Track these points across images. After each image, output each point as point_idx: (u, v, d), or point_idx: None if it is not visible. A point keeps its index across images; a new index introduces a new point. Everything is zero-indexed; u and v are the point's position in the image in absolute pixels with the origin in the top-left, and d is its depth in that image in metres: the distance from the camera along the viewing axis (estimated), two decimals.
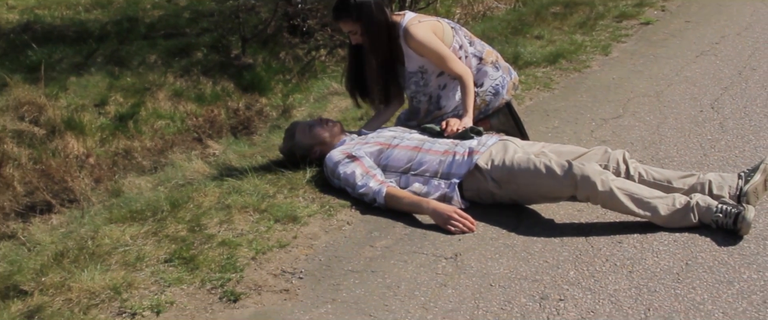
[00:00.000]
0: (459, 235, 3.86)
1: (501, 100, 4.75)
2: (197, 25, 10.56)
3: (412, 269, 3.58)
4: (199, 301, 3.38)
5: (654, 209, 3.78)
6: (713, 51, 6.57)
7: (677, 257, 3.55)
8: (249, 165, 4.71)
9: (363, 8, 4.49)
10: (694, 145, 4.81)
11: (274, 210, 4.09)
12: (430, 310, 3.26)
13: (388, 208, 4.10)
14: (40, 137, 7.09)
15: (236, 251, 3.71)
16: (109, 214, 4.18)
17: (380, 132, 4.52)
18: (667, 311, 3.16)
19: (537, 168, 3.93)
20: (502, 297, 3.33)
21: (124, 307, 3.30)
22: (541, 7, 8.29)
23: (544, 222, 3.99)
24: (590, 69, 6.45)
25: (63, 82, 8.30)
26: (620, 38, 7.18)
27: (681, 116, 5.28)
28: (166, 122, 7.78)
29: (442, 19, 4.77)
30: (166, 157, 6.49)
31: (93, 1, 12.04)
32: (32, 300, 3.35)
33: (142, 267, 3.59)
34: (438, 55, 4.48)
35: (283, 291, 3.45)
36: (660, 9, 8.08)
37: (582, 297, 3.30)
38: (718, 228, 3.71)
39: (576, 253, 3.65)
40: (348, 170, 4.23)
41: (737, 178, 3.96)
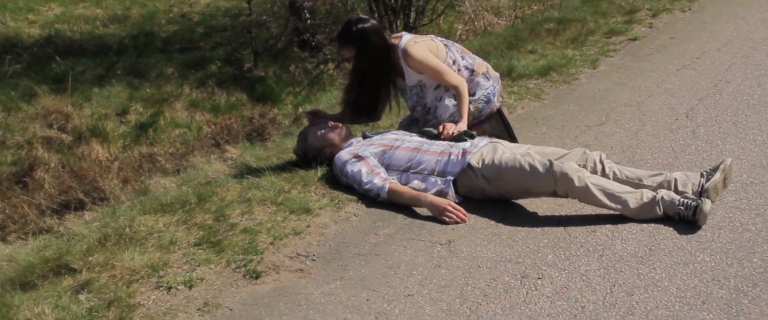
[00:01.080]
0: (452, 225, 4.37)
1: (492, 106, 5.28)
2: (211, 40, 11.12)
3: (411, 253, 4.09)
4: (225, 278, 3.90)
5: (624, 202, 4.30)
6: (693, 65, 7.07)
7: (642, 243, 4.06)
8: (265, 165, 5.23)
9: (362, 35, 5.05)
10: (667, 149, 5.32)
11: (289, 203, 4.61)
12: (425, 286, 3.77)
13: (391, 202, 4.62)
14: (67, 143, 7.62)
15: (257, 237, 4.23)
16: (142, 207, 4.70)
17: (384, 135, 5.04)
18: (630, 287, 3.67)
19: (522, 167, 4.45)
20: (489, 276, 3.84)
21: (160, 282, 3.82)
22: (536, 24, 8.80)
23: (528, 215, 4.50)
24: (578, 81, 6.96)
25: (86, 92, 8.84)
26: (608, 53, 7.68)
27: (658, 124, 5.78)
28: (183, 130, 8.29)
29: (435, 38, 5.30)
30: (188, 160, 7.01)
31: (110, 16, 12.61)
32: (81, 276, 3.87)
33: (175, 249, 4.11)
34: (434, 70, 5.02)
35: (298, 270, 3.97)
36: (648, 26, 8.58)
37: (557, 276, 3.81)
38: (680, 219, 4.22)
39: (554, 240, 4.16)
40: (355, 169, 4.75)
41: (700, 177, 4.47)
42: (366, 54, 5.06)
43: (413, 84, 5.13)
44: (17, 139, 7.54)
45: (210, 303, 3.68)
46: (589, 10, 9.11)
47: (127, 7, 13.15)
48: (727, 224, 4.22)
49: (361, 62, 5.10)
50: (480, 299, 3.66)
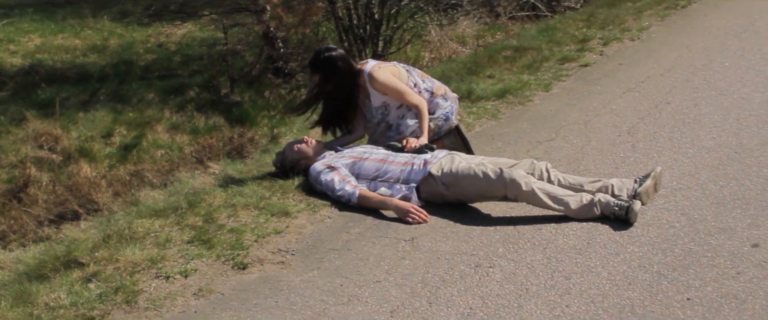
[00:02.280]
0: (415, 225, 4.95)
1: (451, 124, 5.89)
2: (188, 68, 11.68)
3: (379, 248, 4.67)
4: (216, 269, 4.45)
5: (566, 204, 4.90)
6: (638, 88, 7.70)
7: (581, 238, 4.66)
8: (247, 176, 5.80)
9: (328, 62, 5.68)
10: (608, 162, 5.94)
11: (270, 207, 5.18)
12: (391, 274, 4.35)
13: (361, 206, 5.19)
14: (58, 163, 8.14)
15: (242, 236, 4.79)
16: (138, 213, 5.25)
17: (354, 148, 5.63)
18: (568, 273, 4.26)
19: (476, 174, 5.04)
20: (447, 265, 4.42)
21: (160, 272, 4.37)
22: (495, 51, 9.43)
23: (482, 216, 5.09)
24: (532, 102, 7.58)
25: (72, 116, 9.37)
26: (561, 77, 8.31)
27: (602, 139, 6.40)
28: (165, 151, 8.83)
29: (398, 64, 5.94)
30: (173, 175, 7.55)
31: (89, 46, 13.14)
32: (89, 269, 4.41)
33: (171, 246, 4.66)
34: (397, 91, 5.64)
35: (279, 262, 4.53)
36: (598, 53, 9.22)
37: (506, 265, 4.40)
38: (615, 218, 4.82)
39: (505, 236, 4.75)
40: (328, 178, 5.32)
41: (633, 182, 5.07)
42: (332, 79, 5.67)
43: (378, 105, 5.73)
44: (11, 159, 8.05)
45: (204, 289, 4.23)
46: (545, 39, 9.76)
47: (105, 38, 13.68)
48: (656, 222, 4.82)
49: (325, 85, 5.71)
50: (439, 284, 4.23)
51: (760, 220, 4.75)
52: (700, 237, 4.59)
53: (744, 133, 6.23)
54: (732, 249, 4.43)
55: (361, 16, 11.41)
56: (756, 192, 5.15)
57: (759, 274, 4.13)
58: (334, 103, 5.82)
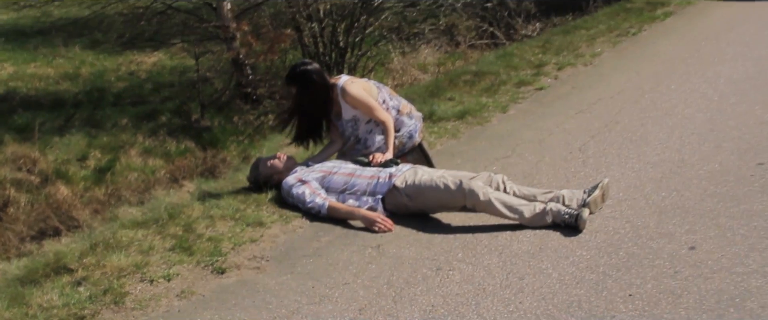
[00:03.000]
0: (381, 233, 5.33)
1: (414, 141, 6.30)
2: (159, 95, 12.03)
3: (347, 254, 5.04)
4: (196, 274, 4.81)
5: (520, 213, 5.30)
6: (589, 109, 8.15)
7: (534, 243, 5.06)
8: (223, 191, 6.16)
9: (304, 75, 6.07)
10: (560, 176, 6.36)
11: (245, 218, 5.54)
12: (359, 277, 4.72)
13: (330, 217, 5.57)
14: (35, 184, 8.44)
15: (220, 244, 5.15)
16: (120, 224, 5.59)
17: (324, 163, 6.00)
18: (522, 274, 4.66)
19: (438, 186, 5.44)
20: (410, 269, 4.80)
21: (144, 276, 4.72)
22: (455, 76, 9.86)
23: (443, 225, 5.48)
24: (490, 123, 8.00)
25: (48, 140, 9.68)
26: (517, 100, 8.74)
27: (555, 156, 6.83)
28: (139, 173, 9.16)
29: (369, 80, 6.34)
30: (150, 193, 7.88)
31: (62, 74, 13.45)
32: (78, 274, 4.74)
33: (154, 253, 5.01)
34: (367, 106, 6.03)
35: (255, 268, 4.90)
36: (553, 77, 9.67)
37: (465, 268, 4.79)
38: (565, 225, 5.23)
39: (464, 243, 5.14)
40: (300, 191, 5.70)
41: (583, 193, 5.49)
42: (307, 91, 6.06)
43: (349, 118, 6.13)
44: None
45: (186, 291, 4.59)
46: (503, 64, 10.21)
47: (77, 66, 13.98)
48: (603, 229, 5.23)
49: (302, 98, 6.10)
50: (403, 285, 4.61)
51: (697, 226, 5.17)
52: (643, 242, 5.00)
53: (686, 150, 6.67)
54: (671, 251, 4.85)
55: (327, 44, 11.85)
56: (695, 202, 5.58)
57: (694, 273, 4.54)
58: (309, 116, 6.20)
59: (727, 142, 6.78)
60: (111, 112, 10.97)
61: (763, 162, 6.22)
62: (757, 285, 4.35)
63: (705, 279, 4.47)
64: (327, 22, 11.87)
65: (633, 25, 12.34)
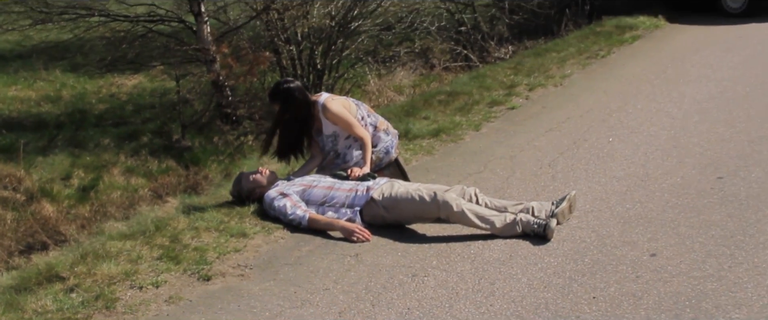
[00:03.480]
0: (360, 243, 5.60)
1: (391, 157, 6.59)
2: (140, 116, 12.25)
3: (327, 262, 5.31)
4: (183, 281, 5.05)
5: (492, 223, 5.58)
6: (559, 128, 8.45)
7: (505, 252, 5.34)
8: (207, 205, 6.40)
9: (287, 93, 6.36)
10: (530, 190, 6.65)
11: (229, 229, 5.79)
12: (339, 283, 4.99)
13: (310, 228, 5.82)
14: (21, 202, 8.64)
15: (205, 253, 5.40)
16: (109, 236, 5.82)
17: (304, 177, 6.27)
18: (493, 279, 4.93)
19: (413, 198, 5.72)
20: (387, 275, 5.07)
21: (134, 283, 4.96)
22: (430, 96, 10.15)
23: (418, 235, 5.75)
24: (464, 140, 8.28)
25: (32, 160, 9.89)
26: (490, 119, 9.02)
27: (525, 171, 7.12)
28: (122, 192, 9.38)
29: (348, 98, 6.62)
30: (134, 209, 8.10)
31: (43, 97, 13.63)
32: (70, 282, 4.97)
33: (142, 262, 5.25)
34: (346, 122, 6.31)
35: (239, 275, 5.15)
36: (524, 98, 9.95)
37: (440, 274, 5.06)
38: (534, 235, 5.51)
39: (439, 251, 5.42)
40: (281, 203, 5.95)
41: (551, 205, 5.78)
42: (289, 107, 6.33)
43: (329, 133, 6.40)
44: None
45: (174, 297, 4.84)
46: (476, 85, 10.50)
47: (58, 89, 14.16)
48: (569, 238, 5.52)
49: (284, 114, 6.37)
50: (380, 290, 4.88)
51: (659, 235, 5.46)
52: (607, 249, 5.30)
53: (650, 165, 6.98)
54: (633, 258, 5.14)
55: (305, 66, 12.12)
56: (657, 213, 5.88)
57: (655, 277, 4.83)
58: (291, 131, 6.46)
59: (689, 157, 7.09)
60: (93, 132, 11.18)
61: (723, 176, 6.54)
62: (713, 287, 4.64)
63: (664, 282, 4.77)
64: (305, 44, 12.15)
65: (602, 47, 12.67)
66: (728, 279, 4.74)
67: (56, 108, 12.84)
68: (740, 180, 6.41)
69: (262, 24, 12.34)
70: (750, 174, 6.54)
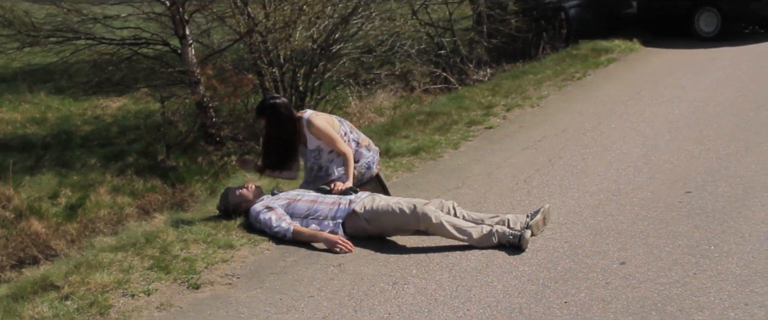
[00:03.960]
0: (342, 254, 5.83)
1: (372, 172, 6.84)
2: (125, 137, 12.49)
3: (311, 271, 5.54)
4: (174, 289, 5.27)
5: (469, 234, 5.83)
6: (535, 146, 8.73)
7: (481, 261, 5.59)
8: (194, 219, 6.62)
9: (273, 108, 6.61)
10: (507, 204, 6.90)
11: (217, 241, 6.01)
12: (322, 291, 5.22)
13: (295, 240, 6.05)
14: (10, 219, 8.84)
15: (194, 263, 5.62)
16: (100, 248, 6.03)
17: (288, 191, 6.50)
18: (470, 286, 5.18)
19: (393, 210, 5.96)
20: (369, 283, 5.30)
21: (126, 291, 5.18)
22: (410, 116, 10.42)
23: (399, 246, 5.99)
24: (442, 158, 8.55)
25: (20, 179, 10.09)
26: (468, 138, 9.28)
27: (502, 187, 7.38)
28: (108, 210, 9.59)
29: (332, 115, 6.88)
30: (123, 225, 8.31)
31: (28, 119, 13.86)
32: (64, 290, 5.18)
33: (133, 271, 5.47)
34: (330, 138, 6.56)
35: (227, 284, 5.37)
36: (502, 118, 10.23)
37: (419, 282, 5.30)
38: (509, 245, 5.77)
39: (418, 261, 5.66)
40: (266, 216, 6.18)
41: (526, 217, 6.04)
42: (275, 122, 6.58)
43: (313, 148, 6.64)
44: None
45: (165, 304, 5.06)
46: (455, 105, 10.78)
47: (43, 111, 14.39)
48: (543, 248, 5.77)
49: (271, 129, 6.62)
50: (362, 297, 5.12)
51: (628, 245, 5.73)
52: (579, 258, 5.55)
53: (622, 180, 7.25)
54: (603, 266, 5.40)
55: (287, 88, 12.40)
56: (627, 225, 6.14)
57: (623, 284, 5.09)
58: (277, 146, 6.70)
59: (660, 173, 7.36)
60: (79, 153, 11.41)
61: (691, 190, 6.81)
62: (678, 292, 4.91)
63: (632, 288, 5.03)
64: (287, 67, 12.44)
65: (578, 70, 12.99)
66: (693, 284, 5.00)
67: (42, 129, 13.05)
68: (708, 195, 6.68)
69: (245, 47, 12.62)
70: (717, 188, 6.81)
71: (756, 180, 6.93)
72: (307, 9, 12.03)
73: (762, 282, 4.97)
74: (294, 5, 12.20)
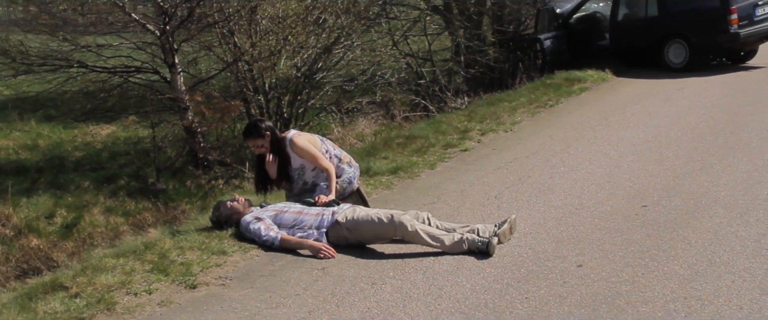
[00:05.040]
0: (326, 259, 6.38)
1: (353, 186, 7.40)
2: (116, 162, 13.02)
3: (297, 274, 6.08)
4: (173, 289, 5.81)
5: (442, 241, 6.39)
6: (506, 166, 9.31)
7: (452, 264, 6.14)
8: (189, 230, 7.16)
9: (268, 129, 7.16)
10: (478, 217, 7.46)
11: (210, 248, 6.55)
12: (308, 290, 5.76)
13: (282, 248, 6.60)
14: (10, 236, 9.34)
15: (191, 267, 6.16)
16: (104, 254, 6.56)
17: (275, 204, 7.05)
18: (441, 285, 5.73)
19: (372, 220, 6.52)
20: (350, 284, 5.85)
21: (129, 290, 5.71)
22: (390, 139, 11.01)
23: (377, 253, 6.54)
24: (419, 177, 9.12)
25: (17, 200, 10.60)
26: (444, 159, 9.86)
27: (474, 203, 7.95)
28: (103, 229, 10.10)
29: (313, 134, 7.45)
30: (119, 239, 8.82)
31: (20, 145, 14.37)
32: (72, 290, 5.70)
33: (135, 274, 6.00)
34: (312, 155, 7.12)
35: (221, 285, 5.91)
36: (477, 141, 10.82)
37: (395, 282, 5.85)
38: (478, 251, 6.33)
39: (395, 265, 6.21)
40: (256, 227, 6.73)
41: (494, 226, 6.61)
42: (269, 141, 7.12)
43: (297, 166, 7.20)
44: None
45: (165, 301, 5.59)
46: (432, 130, 11.38)
47: (34, 138, 14.91)
48: (509, 254, 6.34)
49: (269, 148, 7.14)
50: (344, 295, 5.66)
51: (586, 251, 6.30)
52: (541, 262, 6.12)
53: (585, 196, 7.84)
54: (562, 268, 5.97)
55: (272, 115, 12.97)
56: (586, 234, 6.72)
57: (579, 282, 5.66)
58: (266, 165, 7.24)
59: (620, 190, 7.96)
60: (73, 176, 11.94)
61: (647, 205, 7.40)
62: (626, 289, 5.48)
63: (587, 286, 5.59)
64: (272, 94, 13.02)
65: (551, 98, 13.63)
66: (640, 283, 5.58)
67: (35, 155, 13.56)
68: (662, 208, 7.27)
69: (232, 75, 13.19)
70: (671, 203, 7.40)
71: (707, 196, 7.52)
72: (291, 39, 12.62)
73: (702, 281, 5.54)
74: (278, 35, 12.79)
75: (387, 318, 5.30)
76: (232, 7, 12.73)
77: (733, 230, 6.54)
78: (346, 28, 13.90)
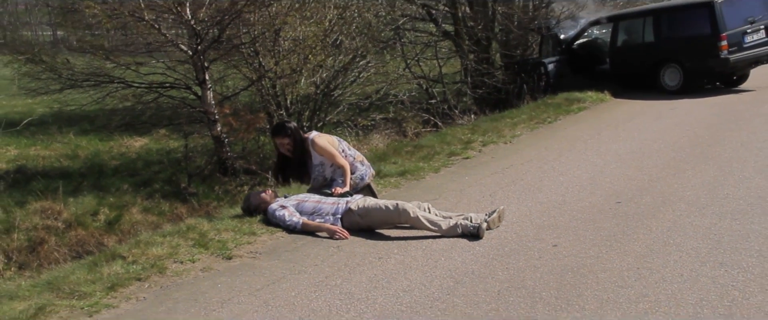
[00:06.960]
0: (340, 240, 7.52)
1: (365, 182, 8.55)
2: (150, 169, 14.21)
3: (317, 250, 7.22)
4: (212, 259, 6.96)
5: (439, 226, 7.52)
6: (502, 172, 10.44)
7: (448, 244, 7.26)
8: (223, 217, 8.32)
9: (294, 130, 8.32)
10: (473, 210, 8.58)
11: (242, 230, 7.70)
12: (325, 261, 6.90)
13: (303, 231, 7.74)
14: (61, 229, 10.52)
15: (226, 243, 7.31)
16: (152, 233, 7.72)
17: (297, 195, 8.20)
18: (436, 259, 6.85)
19: (380, 207, 7.66)
20: (360, 257, 6.98)
21: (176, 259, 6.87)
22: (399, 148, 12.18)
23: (385, 236, 7.65)
24: (424, 179, 10.26)
25: (64, 200, 11.78)
26: (447, 165, 11.00)
27: (471, 199, 9.08)
28: (142, 226, 11.27)
29: (332, 135, 8.61)
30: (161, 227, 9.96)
31: (61, 155, 15.61)
32: (129, 258, 6.86)
33: (180, 248, 7.15)
34: (330, 154, 8.27)
35: (252, 257, 7.05)
36: (478, 151, 11.96)
37: (399, 257, 6.97)
38: (470, 235, 7.44)
39: (399, 244, 7.32)
40: (281, 213, 7.87)
41: (485, 215, 7.72)
42: (293, 140, 8.27)
43: (317, 163, 8.36)
44: (26, 224, 10.42)
45: (206, 268, 6.74)
46: (438, 140, 12.55)
47: (73, 149, 16.13)
48: (496, 237, 7.45)
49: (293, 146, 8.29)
50: (355, 265, 6.80)
51: (562, 236, 7.39)
52: (522, 242, 7.23)
53: (568, 195, 8.95)
54: (540, 248, 7.07)
55: None
56: (564, 223, 7.81)
57: (552, 257, 6.76)
58: (291, 160, 8.39)
59: (599, 190, 9.07)
60: (113, 180, 13.13)
61: (621, 201, 8.50)
62: (591, 262, 6.58)
63: (558, 260, 6.70)
64: (293, 109, 14.17)
65: (551, 115, 14.78)
66: (603, 257, 6.68)
67: (76, 163, 14.78)
68: (634, 204, 8.37)
69: (256, 91, 14.38)
70: (642, 200, 8.50)
71: (675, 195, 8.61)
72: (311, 58, 13.78)
73: (654, 257, 6.63)
74: (300, 55, 13.97)
75: (390, 282, 6.41)
76: (258, 30, 13.91)
77: (690, 221, 7.62)
78: (360, 49, 15.07)
